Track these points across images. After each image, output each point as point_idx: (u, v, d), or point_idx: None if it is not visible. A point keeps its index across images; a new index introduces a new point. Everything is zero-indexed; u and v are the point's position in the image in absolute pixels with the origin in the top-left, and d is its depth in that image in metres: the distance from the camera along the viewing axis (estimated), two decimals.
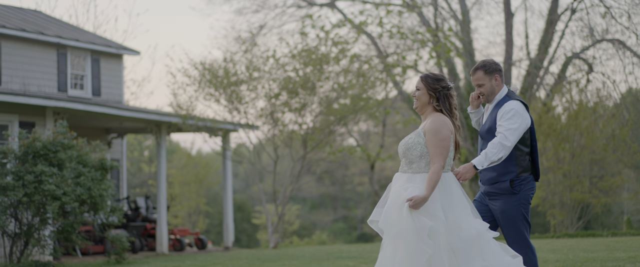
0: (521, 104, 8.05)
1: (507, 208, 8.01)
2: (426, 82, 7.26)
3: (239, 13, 31.96)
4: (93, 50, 24.54)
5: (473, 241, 7.02)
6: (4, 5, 25.76)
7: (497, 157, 7.77)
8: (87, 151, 18.32)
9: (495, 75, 8.14)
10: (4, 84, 21.77)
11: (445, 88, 7.23)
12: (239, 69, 24.11)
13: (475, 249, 7.03)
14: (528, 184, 8.03)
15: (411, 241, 6.86)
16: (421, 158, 7.10)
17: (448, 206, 7.03)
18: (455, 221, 7.01)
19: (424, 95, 7.24)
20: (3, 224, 17.09)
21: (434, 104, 7.21)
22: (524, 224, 7.99)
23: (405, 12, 26.26)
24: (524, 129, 7.93)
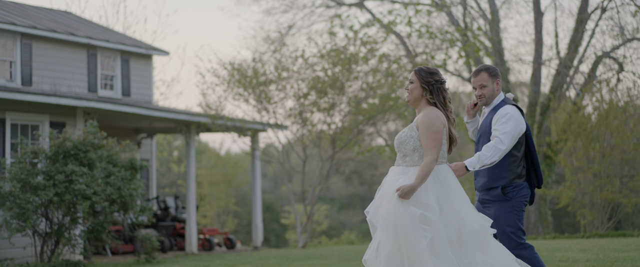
0: (516, 109, 8.04)
1: (500, 215, 7.99)
2: (420, 75, 7.26)
3: (267, 13, 32.01)
4: (123, 51, 24.65)
5: (475, 234, 7.00)
6: (35, 7, 25.94)
7: (490, 161, 7.76)
8: (117, 151, 18.41)
9: (497, 79, 8.18)
10: (35, 85, 21.91)
11: (438, 82, 7.23)
12: (268, 69, 24.13)
13: (476, 243, 7.02)
14: (521, 191, 7.99)
15: (407, 229, 6.84)
16: (414, 151, 7.11)
17: (445, 197, 7.02)
18: (456, 212, 7.00)
19: (417, 89, 7.24)
20: (34, 224, 17.19)
21: (428, 97, 7.20)
22: (515, 233, 7.93)
23: (434, 12, 26.20)
24: (519, 133, 7.91)
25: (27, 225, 17.07)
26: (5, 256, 18.39)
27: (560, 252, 14.47)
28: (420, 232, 6.81)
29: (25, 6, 25.26)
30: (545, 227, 27.29)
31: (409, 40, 27.28)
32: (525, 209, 8.04)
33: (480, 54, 25.79)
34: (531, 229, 27.07)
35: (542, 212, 27.32)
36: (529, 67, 28.16)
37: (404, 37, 27.45)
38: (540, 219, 27.27)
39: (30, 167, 17.52)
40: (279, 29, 30.79)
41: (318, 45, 24.39)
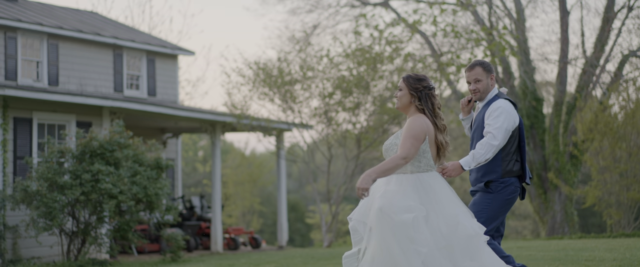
0: (510, 102, 8.00)
1: (479, 201, 7.95)
2: (408, 82, 7.23)
3: (292, 13, 32.04)
4: (148, 51, 24.75)
5: (470, 239, 6.96)
6: (61, 7, 26.08)
7: (485, 158, 7.72)
8: (143, 150, 18.48)
9: (491, 74, 8.15)
10: (62, 85, 22.03)
11: (426, 88, 7.20)
12: (293, 68, 24.15)
13: (469, 248, 6.96)
14: (507, 188, 7.93)
15: (401, 244, 6.81)
16: None
17: (431, 205, 6.96)
18: (452, 217, 6.94)
19: (406, 96, 7.21)
20: (61, 223, 17.29)
21: (416, 104, 7.17)
22: (487, 223, 7.83)
23: (459, 11, 26.12)
24: (512, 127, 7.87)
25: (54, 224, 17.17)
26: (33, 254, 18.51)
27: (587, 251, 14.41)
28: (411, 251, 6.78)
29: (52, 7, 25.41)
30: (572, 227, 27.18)
31: (434, 40, 27.23)
32: (507, 206, 7.95)
33: (506, 53, 25.70)
34: (557, 229, 26.97)
35: (568, 212, 27.21)
36: (555, 67, 28.05)
37: (429, 37, 27.41)
38: (567, 218, 27.16)
39: (57, 166, 17.62)
40: (304, 28, 30.82)
41: (343, 44, 24.39)
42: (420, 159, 7.06)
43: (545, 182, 27.35)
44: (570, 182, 26.81)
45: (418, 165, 7.06)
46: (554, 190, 27.15)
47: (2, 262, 17.75)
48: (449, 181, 39.09)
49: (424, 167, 7.07)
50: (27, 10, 22.79)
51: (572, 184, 26.90)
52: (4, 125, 18.14)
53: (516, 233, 41.65)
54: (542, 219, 27.82)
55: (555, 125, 27.26)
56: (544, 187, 27.39)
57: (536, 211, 28.13)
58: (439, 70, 24.27)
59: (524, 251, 15.11)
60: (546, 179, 27.27)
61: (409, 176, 7.03)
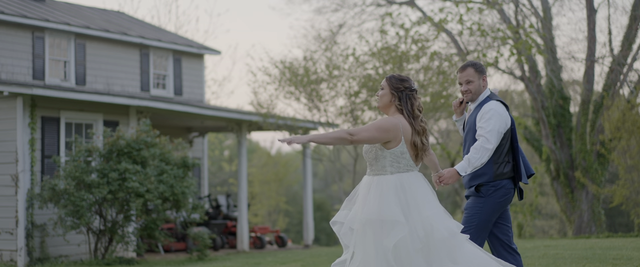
0: (501, 104, 7.94)
1: (471, 206, 7.92)
2: (390, 82, 7.23)
3: (318, 12, 32.06)
4: (175, 50, 24.84)
5: (444, 241, 6.92)
6: (89, 7, 26.22)
7: (480, 162, 7.66)
8: (169, 149, 18.54)
9: (483, 75, 8.09)
10: (89, 84, 22.15)
11: (408, 89, 7.18)
12: (319, 67, 24.17)
13: (446, 250, 6.93)
14: (498, 191, 7.88)
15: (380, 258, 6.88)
16: (377, 160, 7.09)
17: (410, 206, 6.96)
18: (425, 220, 6.92)
19: (387, 95, 7.21)
20: (88, 221, 17.38)
21: (396, 104, 7.16)
22: (480, 228, 7.83)
23: (485, 9, 26.04)
24: (503, 129, 7.81)
25: (82, 222, 17.27)
26: (60, 253, 18.61)
27: (614, 250, 14.34)
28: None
29: (79, 6, 25.55)
30: (599, 226, 27.03)
31: (460, 38, 27.15)
32: (499, 209, 7.90)
33: (533, 52, 25.59)
34: (584, 228, 26.84)
35: (596, 211, 27.06)
36: (582, 65, 27.90)
37: (455, 35, 27.34)
38: (594, 218, 27.02)
39: (85, 165, 17.72)
40: (329, 27, 30.82)
41: (369, 43, 24.37)
42: (400, 160, 7.06)
43: (572, 182, 27.22)
44: (598, 181, 26.67)
45: (398, 166, 7.05)
46: (581, 189, 27.01)
47: (30, 261, 17.87)
48: None
49: (403, 168, 7.06)
50: (54, 10, 22.92)
51: (599, 183, 26.76)
52: (32, 125, 18.26)
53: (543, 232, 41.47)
54: (569, 218, 27.69)
55: (582, 124, 27.11)
56: (570, 187, 27.25)
57: (563, 210, 28.00)
58: None
59: (551, 249, 15.05)
60: (573, 178, 27.14)
61: (389, 177, 7.03)
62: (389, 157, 7.04)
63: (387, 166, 7.04)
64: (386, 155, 7.04)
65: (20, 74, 20.82)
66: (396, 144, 7.04)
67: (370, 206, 6.96)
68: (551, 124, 26.83)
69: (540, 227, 42.12)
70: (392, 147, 7.04)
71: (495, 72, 27.21)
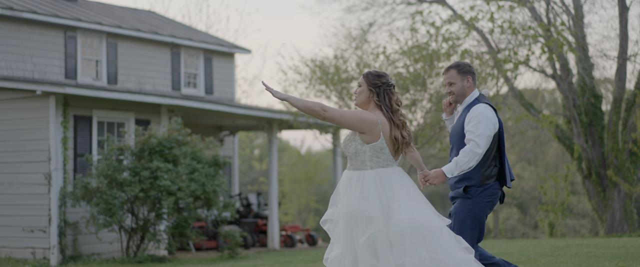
0: (489, 107, 7.86)
1: (459, 210, 7.86)
2: (367, 78, 7.25)
3: (348, 11, 32.05)
4: (206, 50, 24.92)
5: (424, 234, 6.92)
6: (120, 7, 26.37)
7: (468, 166, 7.61)
8: (200, 148, 18.60)
9: (467, 76, 7.99)
10: (120, 83, 22.27)
11: (385, 84, 7.20)
12: (350, 65, 24.17)
13: (425, 243, 6.93)
14: (485, 192, 7.82)
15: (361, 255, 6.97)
16: (357, 155, 7.10)
17: (390, 200, 6.99)
18: (405, 214, 6.93)
19: (365, 92, 7.23)
20: (120, 219, 17.47)
21: (375, 100, 7.17)
22: (472, 229, 7.79)
23: (516, 7, 25.92)
24: (492, 132, 7.74)
25: (114, 220, 17.36)
26: (92, 251, 18.73)
27: None
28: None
29: (111, 6, 25.70)
30: (631, 225, 26.86)
31: (491, 36, 27.06)
32: (488, 210, 7.87)
33: (564, 50, 25.46)
34: (616, 227, 26.67)
35: (628, 210, 26.88)
36: (614, 63, 27.72)
37: (485, 33, 27.24)
38: (626, 216, 26.85)
39: (117, 163, 17.81)
40: (360, 26, 30.81)
41: (399, 41, 24.34)
42: (379, 155, 7.08)
43: (604, 180, 27.06)
44: (630, 180, 26.49)
45: (378, 161, 7.07)
46: (613, 188, 26.85)
47: (63, 258, 17.99)
48: None
49: (383, 163, 7.08)
50: (86, 10, 23.07)
51: (631, 181, 26.59)
52: (65, 123, 18.38)
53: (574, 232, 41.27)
54: (600, 217, 27.52)
55: (614, 123, 26.94)
56: (602, 185, 27.09)
57: (595, 209, 27.84)
58: (496, 67, 24.13)
59: (583, 248, 14.98)
60: (605, 177, 26.98)
61: (369, 172, 7.06)
62: (369, 151, 7.06)
63: (367, 161, 7.08)
64: (366, 149, 7.07)
65: (52, 74, 20.98)
66: (375, 138, 7.06)
67: (351, 202, 7.01)
68: (583, 123, 26.69)
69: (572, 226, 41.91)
70: (371, 141, 7.05)
71: (527, 71, 27.08)
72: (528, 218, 42.95)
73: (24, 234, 18.29)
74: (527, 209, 43.31)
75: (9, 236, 18.52)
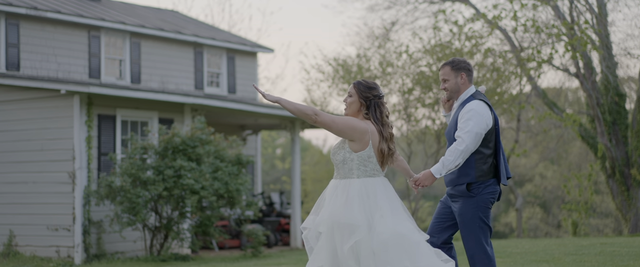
0: (483, 103, 7.80)
1: (464, 211, 7.81)
2: (358, 89, 7.19)
3: (371, 10, 32.03)
4: (228, 49, 24.97)
5: (405, 245, 6.91)
6: (143, 6, 26.46)
7: (454, 165, 7.58)
8: (224, 146, 18.62)
9: (461, 73, 7.94)
10: (144, 82, 22.35)
11: (376, 97, 7.16)
12: (372, 64, 24.16)
13: (407, 254, 6.92)
14: (487, 188, 7.78)
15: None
16: (344, 164, 7.08)
17: (374, 210, 6.97)
18: (388, 224, 6.92)
19: (355, 103, 7.18)
20: (144, 218, 17.52)
21: (363, 112, 7.14)
22: (481, 228, 7.76)
23: (539, 6, 25.85)
24: (484, 130, 7.68)
25: (138, 219, 17.42)
26: (116, 249, 18.81)
27: None
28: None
29: (134, 6, 25.80)
30: None
31: (514, 35, 27.00)
32: (491, 206, 7.84)
33: (588, 48, 25.36)
34: None
35: None
36: (638, 61, 27.64)
37: (508, 32, 27.19)
38: None
39: (140, 162, 17.86)
40: (382, 25, 30.81)
41: (422, 40, 24.32)
42: (367, 164, 7.06)
43: (628, 179, 26.94)
44: None
45: (365, 170, 7.05)
46: (637, 187, 26.73)
47: (87, 257, 18.07)
48: None
49: (370, 172, 7.07)
50: (110, 10, 23.17)
51: None
52: (89, 122, 18.46)
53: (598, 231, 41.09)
54: (624, 216, 27.41)
55: (638, 121, 26.82)
56: (626, 184, 26.98)
57: (618, 208, 27.73)
58: (519, 66, 24.06)
59: (608, 247, 14.92)
60: (629, 176, 26.87)
61: (355, 181, 7.04)
62: (356, 160, 7.05)
63: (354, 169, 7.06)
64: (353, 158, 7.05)
65: (76, 73, 21.08)
66: (363, 147, 7.04)
67: (336, 210, 7.00)
68: (606, 122, 26.58)
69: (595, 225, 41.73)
70: (359, 150, 7.04)
71: (550, 69, 26.99)
72: (551, 218, 42.79)
73: (49, 232, 18.39)
74: (550, 208, 43.15)
75: (33, 234, 18.63)
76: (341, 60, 24.60)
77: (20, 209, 18.83)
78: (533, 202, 42.97)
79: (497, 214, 47.58)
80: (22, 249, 18.63)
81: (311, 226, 7.15)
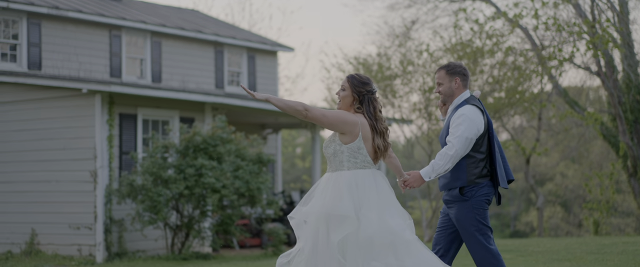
0: (476, 108, 7.79)
1: (460, 215, 7.80)
2: (352, 83, 7.23)
3: (391, 9, 32.00)
4: (249, 48, 25.00)
5: (393, 239, 6.91)
6: (164, 6, 26.53)
7: (444, 169, 7.59)
8: (245, 145, 18.65)
9: (456, 77, 7.94)
10: (165, 81, 22.41)
11: (369, 92, 7.21)
12: (393, 63, 24.14)
13: (393, 248, 6.92)
14: (480, 190, 7.76)
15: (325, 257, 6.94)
16: (335, 156, 7.13)
17: (363, 202, 6.99)
18: (377, 217, 6.94)
19: (348, 97, 7.22)
20: (165, 216, 17.57)
21: (356, 107, 7.18)
22: (480, 229, 7.74)
23: (560, 4, 25.74)
24: (475, 135, 7.68)
25: (159, 217, 17.46)
26: (138, 247, 18.87)
27: None
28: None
29: (155, 5, 25.87)
30: None
31: (535, 33, 26.90)
32: (487, 207, 7.83)
33: (609, 46, 25.24)
34: None
35: None
36: None
37: (529, 30, 27.09)
38: None
39: (162, 161, 17.90)
40: (402, 24, 30.77)
41: (443, 39, 24.28)
42: (357, 156, 7.10)
43: None
44: None
45: (355, 162, 7.10)
46: None
47: (109, 255, 18.13)
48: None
49: (360, 164, 7.10)
50: (131, 9, 23.25)
51: None
52: (110, 121, 18.52)
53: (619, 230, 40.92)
54: None
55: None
56: None
57: None
58: (540, 64, 23.99)
59: (630, 246, 14.86)
60: None
61: (345, 172, 7.08)
62: (346, 152, 7.09)
63: (344, 161, 7.11)
64: (343, 150, 7.10)
65: (98, 72, 21.17)
66: (353, 139, 7.08)
67: (324, 201, 7.03)
68: (628, 120, 26.45)
69: (616, 225, 41.57)
70: (349, 142, 7.08)
71: (571, 68, 26.88)
72: (572, 217, 42.64)
73: (70, 231, 18.47)
74: (571, 207, 43.00)
75: (55, 232, 18.71)
76: (362, 59, 24.59)
77: (42, 207, 18.92)
78: (554, 202, 42.83)
79: (518, 213, 47.46)
80: (44, 248, 18.72)
81: (298, 215, 7.18)
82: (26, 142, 19.18)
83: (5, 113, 19.43)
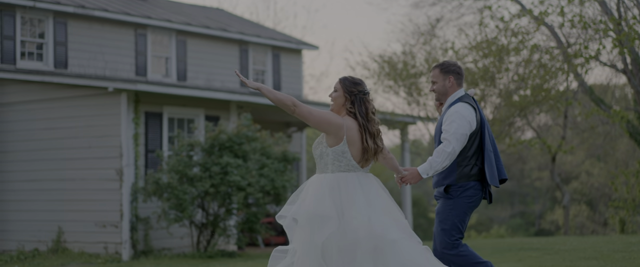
0: (468, 106, 7.82)
1: (441, 210, 7.89)
2: (344, 84, 7.24)
3: (415, 7, 32.01)
4: (273, 46, 25.03)
5: (355, 243, 6.90)
6: (189, 4, 26.60)
7: (442, 166, 7.64)
8: (270, 143, 18.67)
9: (449, 76, 8.00)
10: (190, 80, 22.47)
11: (361, 92, 7.22)
12: (418, 61, 24.09)
13: (376, 251, 6.90)
14: (466, 192, 7.81)
15: (308, 255, 6.95)
16: (321, 158, 7.15)
17: (345, 205, 6.97)
18: (359, 221, 6.93)
19: (340, 97, 7.24)
20: (191, 214, 17.61)
21: (348, 107, 7.18)
22: (450, 231, 7.79)
23: (586, 1, 25.61)
24: (468, 130, 7.72)
25: (184, 215, 17.51)
26: (163, 245, 18.93)
27: None
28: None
29: (180, 4, 25.94)
30: None
31: (560, 31, 26.78)
32: (469, 210, 7.87)
33: (635, 44, 25.09)
34: None
35: None
36: None
37: (555, 28, 26.97)
38: None
39: (187, 159, 17.95)
40: (427, 22, 30.73)
41: (468, 36, 24.20)
42: (341, 159, 7.10)
43: None
44: None
45: (339, 165, 7.10)
46: None
47: (135, 253, 18.20)
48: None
49: (344, 167, 7.11)
50: (156, 8, 23.32)
51: None
52: (136, 120, 18.59)
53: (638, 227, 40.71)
54: None
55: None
56: None
57: None
58: (566, 62, 23.87)
59: None
60: None
61: (329, 175, 7.10)
62: (331, 155, 7.11)
63: (329, 164, 7.13)
64: (329, 153, 7.12)
65: (123, 71, 21.25)
66: (337, 142, 7.09)
67: (307, 202, 7.05)
68: None
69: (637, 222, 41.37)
70: (334, 145, 7.10)
71: (597, 65, 26.76)
72: (597, 215, 42.44)
73: (97, 229, 18.55)
74: (597, 206, 42.79)
75: (81, 230, 18.80)
76: (387, 56, 24.55)
77: (69, 205, 19.02)
78: (579, 200, 42.64)
79: (543, 212, 47.29)
80: (70, 245, 18.82)
81: (287, 214, 7.22)
82: (52, 140, 19.27)
83: (32, 112, 19.54)
